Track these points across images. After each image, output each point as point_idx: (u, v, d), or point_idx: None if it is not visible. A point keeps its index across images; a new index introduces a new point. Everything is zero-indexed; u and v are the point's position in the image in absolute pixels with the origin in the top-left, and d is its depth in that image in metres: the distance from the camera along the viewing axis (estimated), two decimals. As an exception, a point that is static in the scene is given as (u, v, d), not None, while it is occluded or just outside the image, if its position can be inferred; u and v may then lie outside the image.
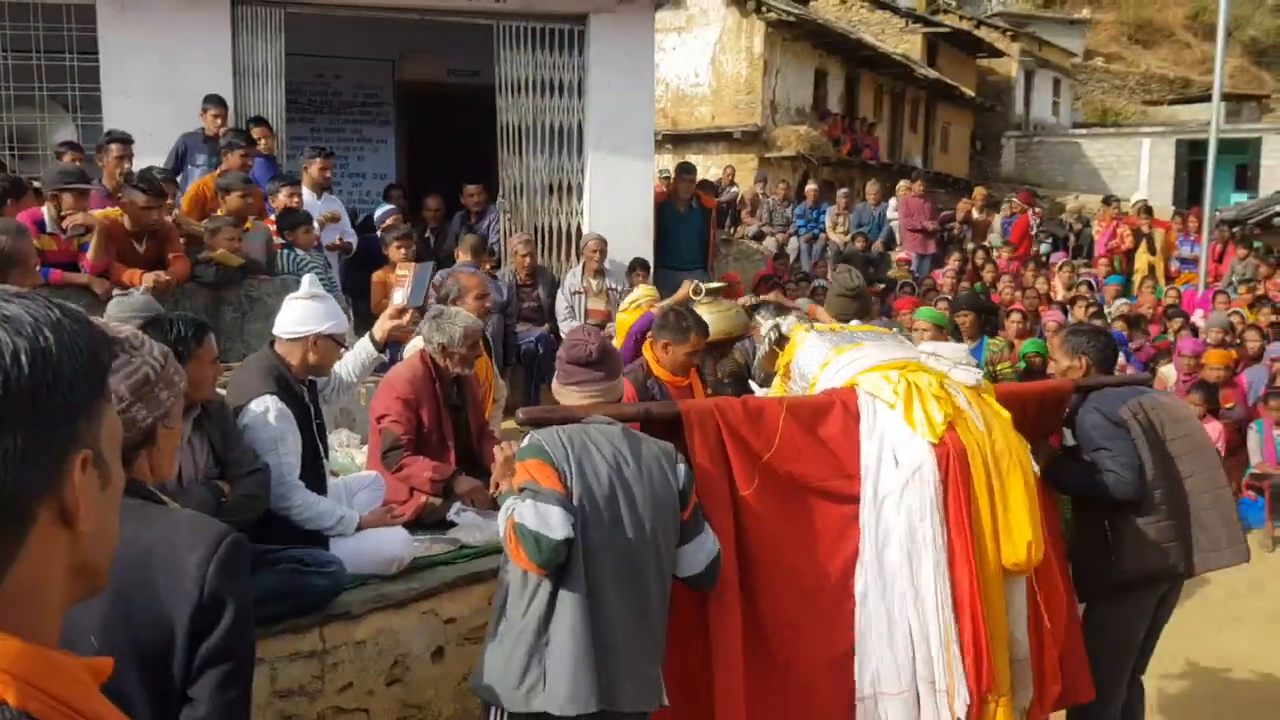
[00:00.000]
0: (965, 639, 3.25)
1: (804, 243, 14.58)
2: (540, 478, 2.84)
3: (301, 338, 3.98)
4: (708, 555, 3.04)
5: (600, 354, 3.21)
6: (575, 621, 2.84)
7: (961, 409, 3.46)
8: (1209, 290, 12.22)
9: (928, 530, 3.25)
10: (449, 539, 4.46)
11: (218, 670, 1.80)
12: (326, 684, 3.81)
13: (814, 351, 3.85)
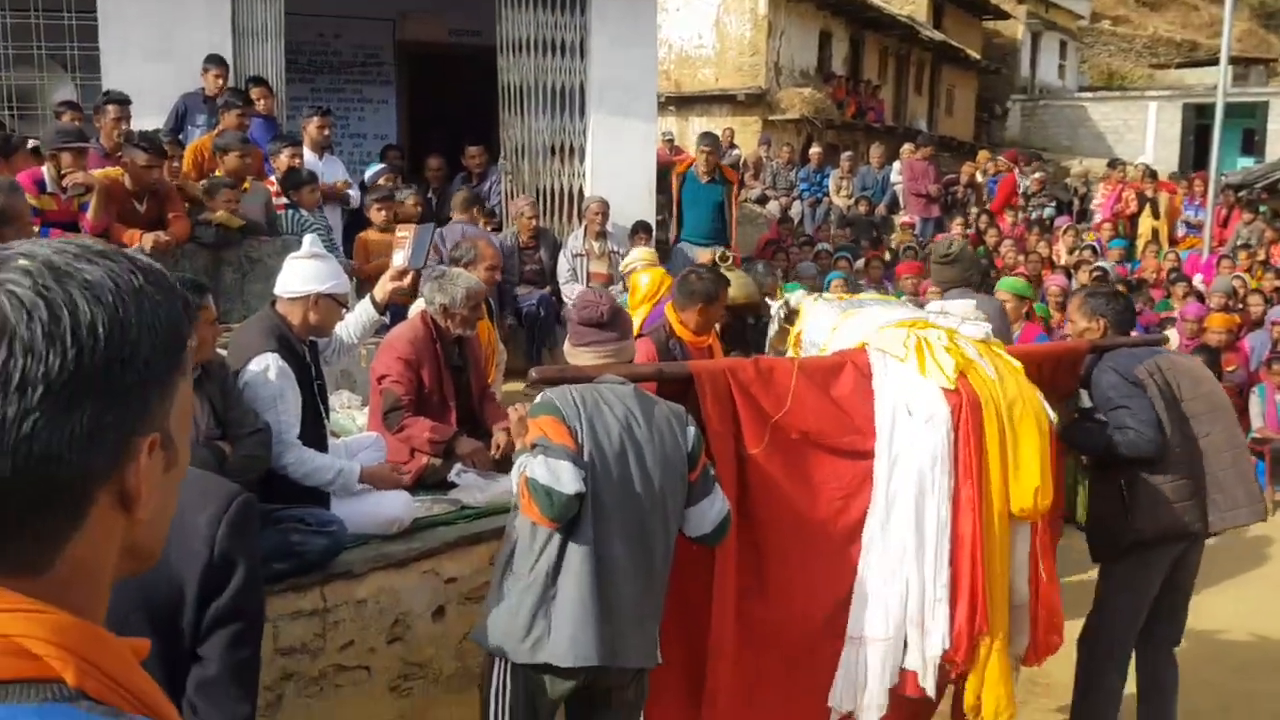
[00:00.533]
0: (960, 585, 3.34)
1: (807, 206, 14.51)
2: (552, 434, 2.87)
3: (303, 297, 3.98)
4: (717, 515, 3.08)
5: (611, 315, 3.26)
6: (582, 576, 2.87)
7: (972, 360, 3.54)
8: (1213, 255, 12.17)
9: (938, 477, 3.34)
10: (450, 500, 4.48)
11: (228, 630, 1.82)
12: (328, 642, 3.84)
13: (821, 318, 3.93)
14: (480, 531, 4.27)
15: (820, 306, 4.06)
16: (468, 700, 4.22)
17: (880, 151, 15.39)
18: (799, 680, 3.43)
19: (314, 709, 3.82)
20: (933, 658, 3.33)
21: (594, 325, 3.24)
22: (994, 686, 3.47)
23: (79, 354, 0.84)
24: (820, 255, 10.89)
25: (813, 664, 3.41)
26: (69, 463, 0.85)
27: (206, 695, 1.82)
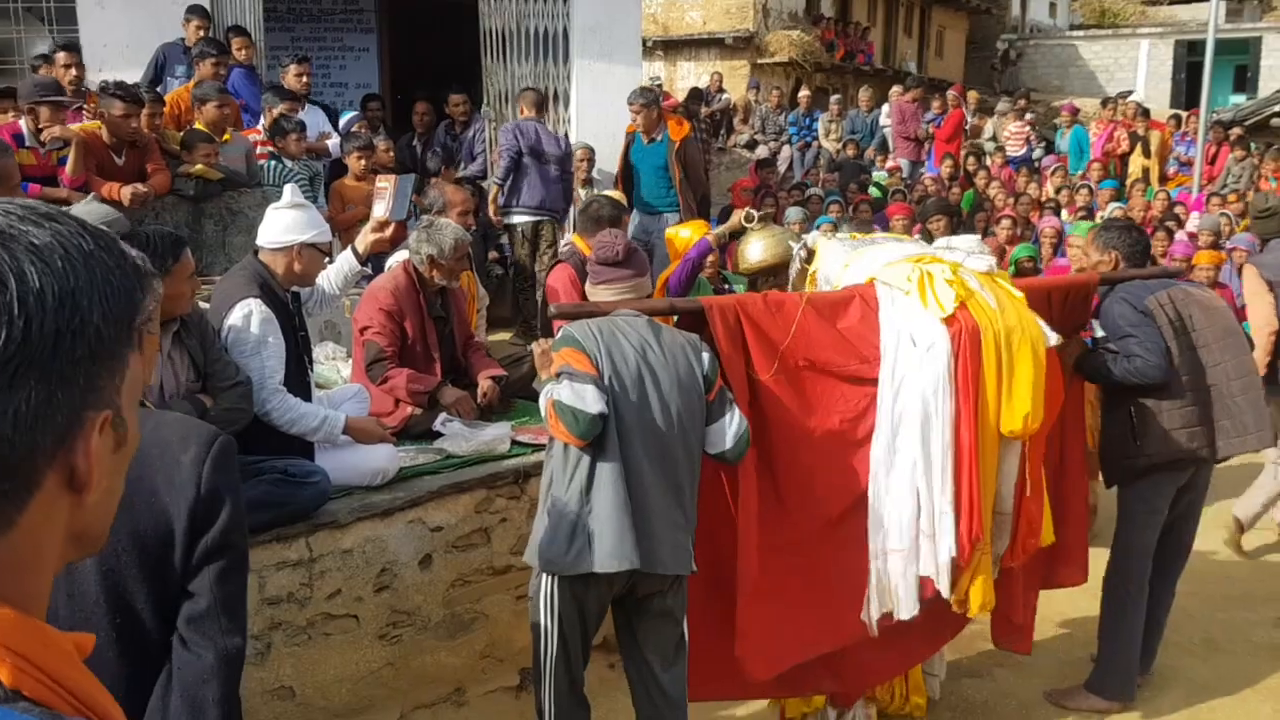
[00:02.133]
0: (961, 498, 3.60)
1: (796, 151, 14.41)
2: (574, 362, 3.15)
3: (285, 247, 3.95)
4: (735, 432, 3.31)
5: (626, 254, 3.53)
6: (614, 489, 3.12)
7: (974, 290, 3.74)
8: (1202, 193, 12.13)
9: (940, 402, 3.56)
10: (435, 449, 4.49)
11: (217, 564, 1.86)
12: (315, 591, 3.86)
13: (835, 256, 4.10)
14: (466, 480, 4.28)
15: (833, 245, 4.21)
16: (456, 646, 4.27)
17: (869, 94, 15.28)
18: (828, 595, 3.69)
19: (302, 656, 3.85)
20: (944, 565, 3.60)
21: (610, 264, 3.51)
22: (979, 583, 3.76)
23: (26, 325, 0.77)
24: (811, 200, 10.83)
25: (841, 578, 3.68)
26: (13, 442, 0.78)
27: (198, 628, 1.85)
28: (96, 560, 1.80)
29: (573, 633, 3.27)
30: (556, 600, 3.22)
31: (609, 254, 3.51)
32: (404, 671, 4.14)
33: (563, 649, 3.27)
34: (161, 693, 1.84)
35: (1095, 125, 14.77)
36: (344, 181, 7.70)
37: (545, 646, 3.27)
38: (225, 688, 1.86)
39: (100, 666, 1.79)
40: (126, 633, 1.83)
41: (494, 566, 4.37)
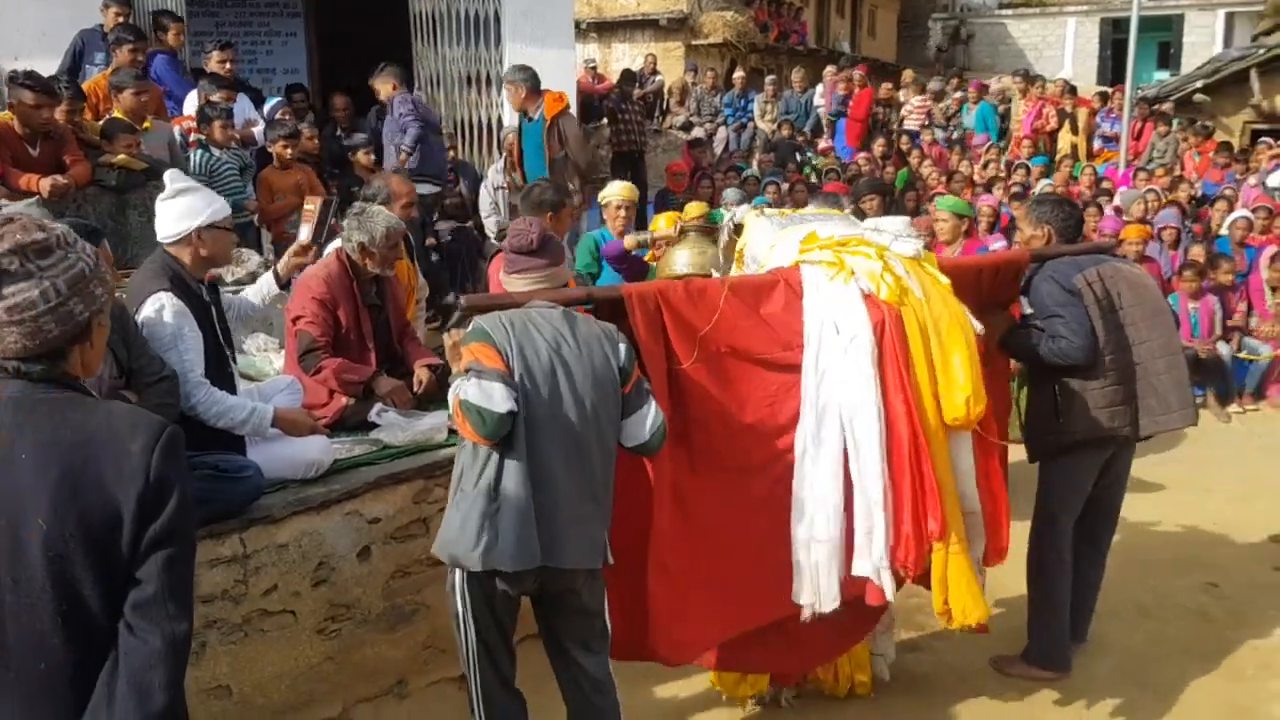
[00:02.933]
0: (901, 492, 3.54)
1: (733, 132, 14.43)
2: (483, 358, 3.07)
3: (184, 236, 3.84)
4: (652, 425, 3.27)
5: (541, 242, 3.40)
6: (520, 485, 3.07)
7: (900, 277, 3.69)
8: (1129, 168, 12.35)
9: (865, 393, 3.52)
10: (371, 440, 4.43)
11: (165, 552, 1.87)
12: (250, 587, 3.80)
13: (762, 235, 4.06)
14: (403, 471, 4.23)
15: (761, 223, 4.15)
16: (398, 639, 4.23)
17: (802, 75, 15.33)
18: (758, 585, 3.65)
19: (239, 654, 3.79)
20: (879, 560, 3.54)
21: (525, 253, 3.38)
22: (959, 590, 3.68)
23: None
24: (748, 181, 10.86)
25: (765, 568, 3.63)
26: None
27: (144, 614, 1.85)
28: (43, 547, 1.81)
29: (488, 627, 3.24)
30: (465, 593, 3.19)
31: (522, 242, 3.40)
32: (345, 665, 4.09)
33: (481, 642, 3.24)
34: (107, 679, 1.85)
35: (1024, 103, 14.97)
36: (271, 170, 7.55)
37: (465, 640, 3.25)
38: (172, 673, 1.87)
39: (47, 653, 1.84)
40: (73, 619, 1.84)
41: (434, 557, 4.30)
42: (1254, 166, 12.41)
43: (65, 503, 1.81)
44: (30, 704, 1.85)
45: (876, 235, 3.89)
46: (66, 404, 1.91)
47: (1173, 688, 4.46)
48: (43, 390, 1.91)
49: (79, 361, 1.98)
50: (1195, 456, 7.42)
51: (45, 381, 1.92)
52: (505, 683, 3.36)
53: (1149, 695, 4.40)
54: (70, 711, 1.85)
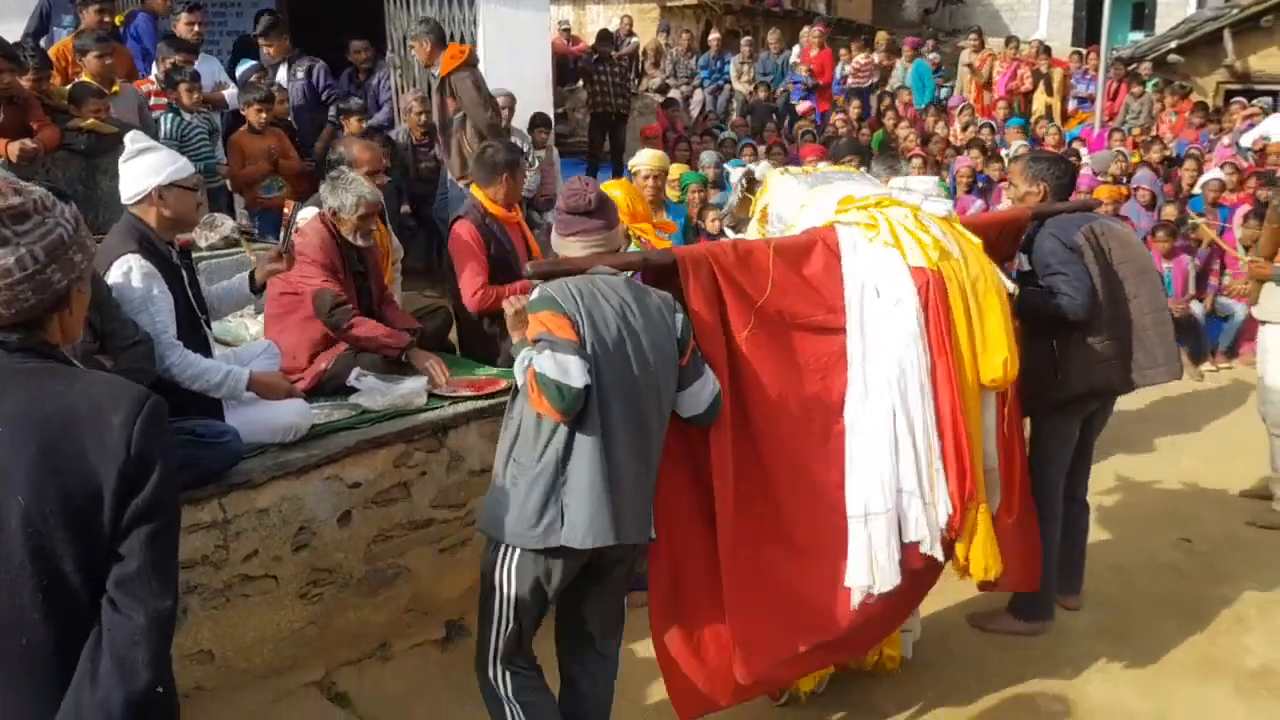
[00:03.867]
0: (947, 454, 3.52)
1: (709, 94, 14.33)
2: (555, 328, 2.94)
3: (145, 196, 3.77)
4: (709, 396, 3.23)
5: (598, 203, 3.23)
6: (592, 461, 2.97)
7: (938, 238, 3.66)
8: (1104, 129, 12.37)
9: (912, 356, 3.47)
10: (350, 405, 4.40)
11: (148, 527, 1.83)
12: (231, 553, 3.78)
13: (790, 194, 3.98)
14: (382, 435, 4.21)
15: (788, 181, 4.08)
16: (380, 602, 4.23)
17: (778, 36, 15.22)
18: (813, 569, 3.53)
19: (221, 619, 3.78)
20: (938, 526, 3.53)
21: (582, 214, 3.21)
22: (980, 547, 3.71)
23: None
24: (723, 144, 10.80)
25: (821, 549, 3.52)
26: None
27: (127, 590, 1.82)
28: (22, 523, 1.77)
29: (529, 608, 3.13)
30: (515, 574, 3.07)
31: (580, 202, 3.19)
32: (327, 630, 4.09)
33: (516, 625, 3.14)
34: (90, 655, 1.82)
35: (999, 64, 14.94)
36: (243, 134, 7.44)
37: (499, 621, 3.14)
38: (156, 649, 1.84)
39: (27, 629, 1.80)
40: (54, 595, 1.81)
41: (415, 520, 4.32)
42: (1227, 126, 12.46)
43: (44, 479, 1.77)
44: (11, 681, 1.83)
45: (906, 195, 3.88)
46: (45, 374, 1.86)
47: (1148, 642, 4.52)
48: (20, 360, 1.86)
49: (58, 329, 1.94)
50: (1168, 414, 7.50)
51: (22, 351, 1.86)
52: (529, 665, 3.27)
53: (1126, 649, 4.46)
54: (52, 689, 1.82)
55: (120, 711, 1.80)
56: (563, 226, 3.25)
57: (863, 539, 3.47)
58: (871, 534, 3.47)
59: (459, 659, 4.35)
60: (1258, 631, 4.62)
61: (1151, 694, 4.16)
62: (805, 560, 3.52)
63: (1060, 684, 4.22)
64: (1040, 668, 4.32)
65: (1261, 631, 4.62)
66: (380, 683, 4.13)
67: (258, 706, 3.84)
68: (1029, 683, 4.22)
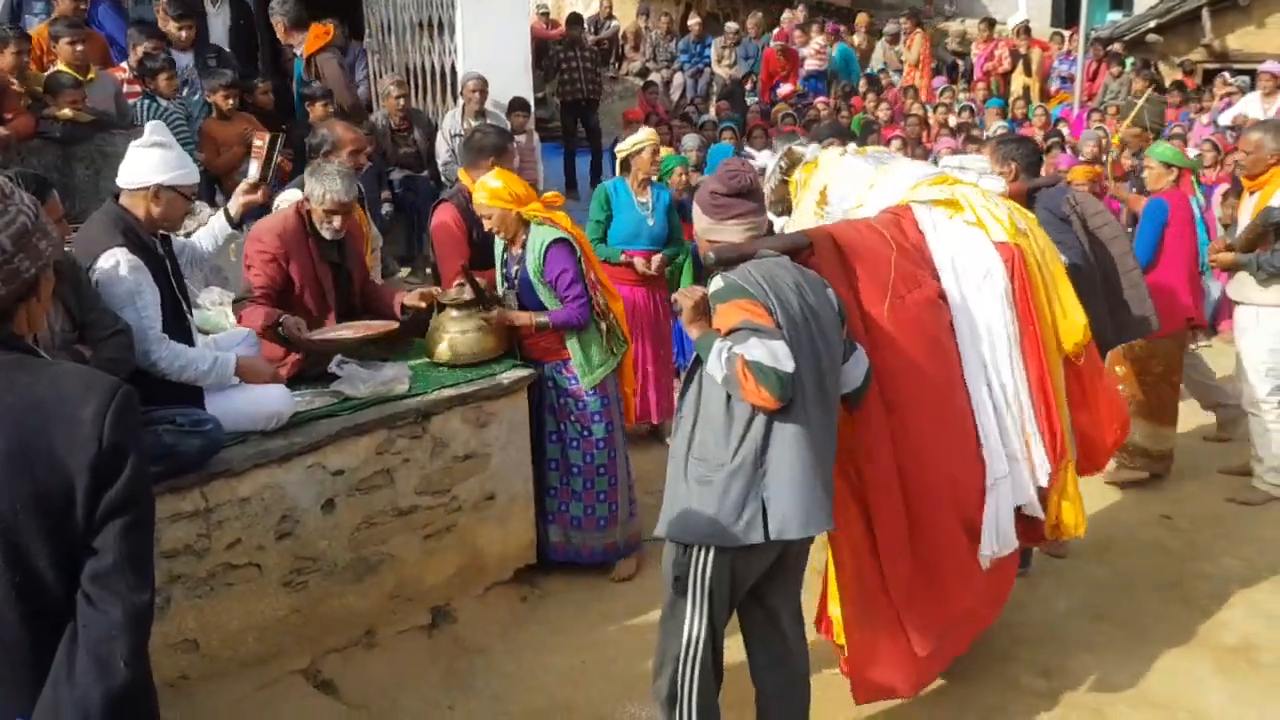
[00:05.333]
0: (1040, 418, 3.64)
1: (689, 78, 14.29)
2: (756, 316, 2.87)
3: (144, 189, 3.74)
4: (863, 369, 3.21)
5: (755, 183, 3.16)
6: (797, 449, 2.91)
7: (1010, 214, 3.78)
8: (1083, 109, 12.39)
9: (1002, 326, 3.58)
10: (331, 392, 4.37)
11: (122, 520, 1.80)
12: (214, 542, 3.77)
13: (857, 174, 4.03)
14: (364, 422, 4.18)
15: (853, 161, 4.12)
16: (365, 589, 4.23)
17: (757, 20, 15.18)
18: (955, 540, 3.58)
19: (204, 608, 3.77)
20: (1040, 488, 3.66)
21: (742, 194, 3.11)
22: (1071, 503, 3.85)
23: None
24: (705, 127, 10.76)
25: (960, 520, 3.58)
26: None
27: (103, 585, 1.79)
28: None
29: (723, 609, 3.07)
30: (711, 575, 2.99)
31: (741, 183, 3.08)
32: (312, 617, 4.08)
33: (711, 630, 3.06)
34: (66, 652, 1.79)
35: (977, 46, 14.95)
36: (212, 122, 7.35)
37: (692, 630, 3.06)
38: (134, 645, 1.81)
39: (2, 628, 1.77)
40: (27, 592, 1.78)
41: (399, 507, 4.31)
42: (1207, 106, 12.50)
43: (15, 474, 1.74)
44: None
45: (962, 174, 3.96)
46: (13, 366, 1.82)
47: (1130, 618, 4.56)
48: None
49: (24, 319, 1.90)
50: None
51: None
52: (719, 665, 3.19)
53: (1108, 625, 4.50)
54: (28, 685, 1.80)
55: (99, 708, 1.77)
56: (720, 210, 3.12)
57: (994, 505, 3.58)
58: (999, 499, 3.59)
59: (445, 645, 4.37)
60: (1238, 607, 4.66)
61: (1132, 667, 4.19)
62: (953, 531, 3.57)
63: (1044, 658, 4.26)
64: (1022, 642, 4.35)
65: (1241, 607, 4.66)
66: (366, 670, 4.13)
67: (243, 695, 3.83)
68: (1011, 657, 4.25)
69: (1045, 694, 4.05)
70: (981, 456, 3.58)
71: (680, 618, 3.09)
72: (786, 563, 3.16)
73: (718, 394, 2.95)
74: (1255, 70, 12.34)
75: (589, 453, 4.79)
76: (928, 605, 3.52)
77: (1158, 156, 5.92)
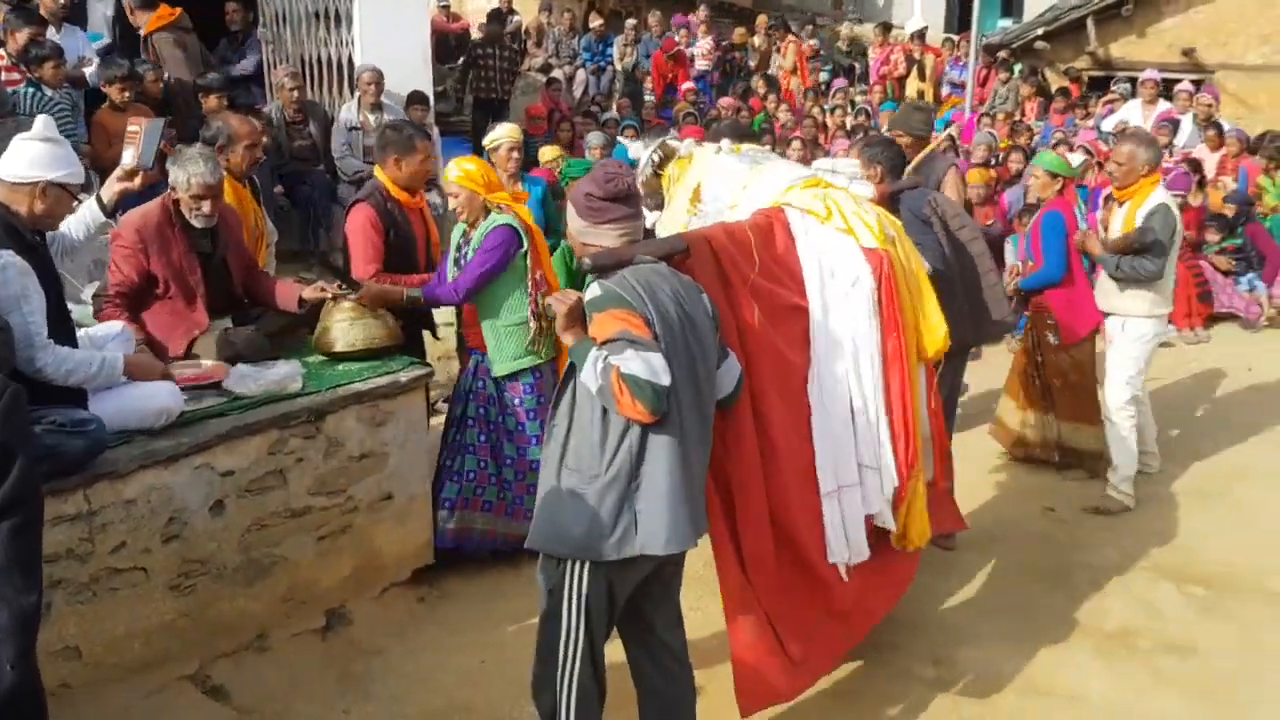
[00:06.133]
0: (895, 428, 3.67)
1: (591, 75, 14.29)
2: (633, 326, 2.81)
3: (29, 184, 3.60)
4: (735, 376, 3.18)
5: (632, 188, 3.09)
6: (670, 461, 2.87)
7: (880, 220, 3.81)
8: (974, 115, 12.73)
9: (867, 334, 3.59)
10: (220, 391, 4.26)
11: (9, 522, 1.77)
12: (97, 545, 3.65)
13: (731, 173, 4.02)
14: (255, 422, 4.09)
15: (727, 160, 4.10)
16: (256, 592, 4.14)
17: (659, 18, 15.25)
18: (807, 546, 3.59)
19: (87, 614, 3.65)
20: (888, 497, 3.69)
21: (619, 200, 3.03)
22: (918, 516, 3.89)
23: None
24: (607, 124, 10.78)
25: (811, 526, 3.58)
26: None
27: None
28: None
29: (600, 622, 3.02)
30: (586, 589, 2.95)
31: (618, 187, 3.02)
32: (200, 621, 3.98)
33: (589, 643, 3.02)
34: None
35: (873, 50, 15.26)
36: (106, 113, 7.12)
37: (569, 643, 3.01)
38: (19, 648, 1.78)
39: None
40: None
41: (292, 509, 4.23)
42: (1093, 111, 12.96)
43: None
44: None
45: (834, 177, 3.98)
46: None
47: (1016, 608, 4.71)
48: None
49: None
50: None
51: None
52: (599, 677, 3.14)
53: (995, 614, 4.65)
54: None
55: None
56: (596, 214, 3.04)
57: (836, 514, 3.59)
58: (844, 508, 3.60)
59: (341, 648, 4.30)
60: (1117, 595, 4.85)
61: (1018, 655, 4.33)
62: (801, 538, 3.57)
63: (933, 647, 4.37)
64: (912, 632, 4.46)
65: (1120, 595, 4.85)
66: (258, 674, 4.05)
67: (129, 702, 3.73)
68: (901, 647, 4.36)
69: (935, 682, 4.16)
70: (816, 465, 3.58)
71: (556, 632, 3.04)
72: (664, 574, 3.14)
73: (592, 403, 2.91)
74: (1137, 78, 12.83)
75: (523, 447, 4.80)
76: (792, 608, 3.54)
77: (1044, 165, 5.96)
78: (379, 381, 4.49)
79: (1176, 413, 7.22)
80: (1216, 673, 4.28)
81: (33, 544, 1.83)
